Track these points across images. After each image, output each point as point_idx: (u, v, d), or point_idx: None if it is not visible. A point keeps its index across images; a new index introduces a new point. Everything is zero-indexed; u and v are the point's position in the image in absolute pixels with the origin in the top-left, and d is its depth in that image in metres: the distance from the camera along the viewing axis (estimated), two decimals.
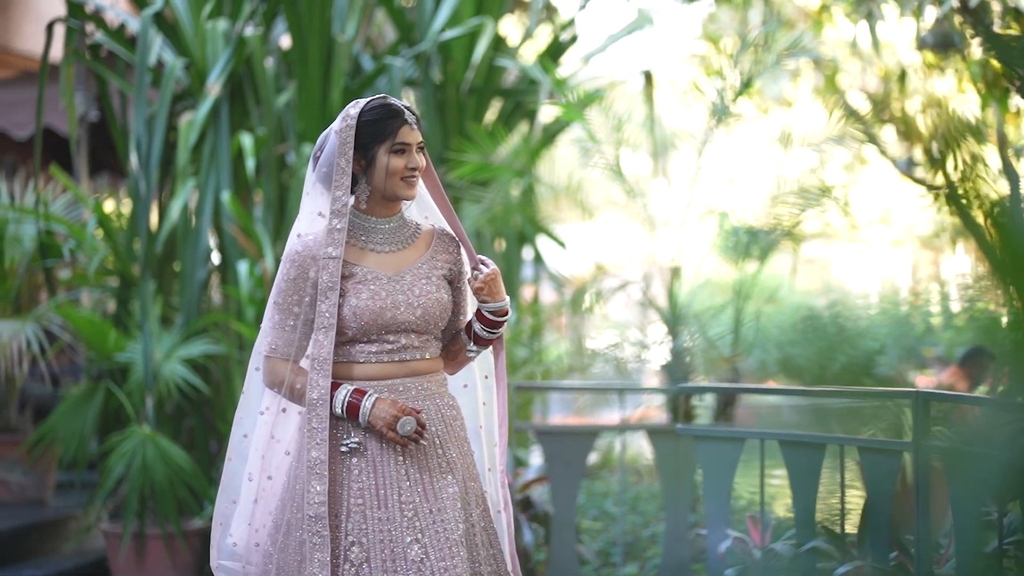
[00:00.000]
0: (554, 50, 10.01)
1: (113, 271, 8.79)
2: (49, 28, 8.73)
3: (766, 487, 5.61)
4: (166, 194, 8.90)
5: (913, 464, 4.89)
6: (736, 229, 7.93)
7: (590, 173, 8.20)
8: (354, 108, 4.01)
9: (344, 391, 3.92)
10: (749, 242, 7.75)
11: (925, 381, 9.79)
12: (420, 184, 4.20)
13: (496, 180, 8.54)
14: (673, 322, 7.52)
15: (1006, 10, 7.27)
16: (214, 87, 8.51)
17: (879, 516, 5.01)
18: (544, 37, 10.66)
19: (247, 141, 8.45)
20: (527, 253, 9.95)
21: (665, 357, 7.59)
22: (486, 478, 4.29)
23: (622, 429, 7.23)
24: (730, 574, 5.47)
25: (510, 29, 11.58)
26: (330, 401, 3.91)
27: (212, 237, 8.70)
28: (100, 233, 8.79)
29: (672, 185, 8.23)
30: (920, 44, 8.85)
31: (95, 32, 9.08)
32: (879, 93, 11.82)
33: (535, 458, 8.68)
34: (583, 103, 8.18)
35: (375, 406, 3.89)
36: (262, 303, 8.10)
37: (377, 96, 4.06)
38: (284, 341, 4.02)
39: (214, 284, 9.06)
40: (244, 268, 8.29)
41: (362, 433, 3.94)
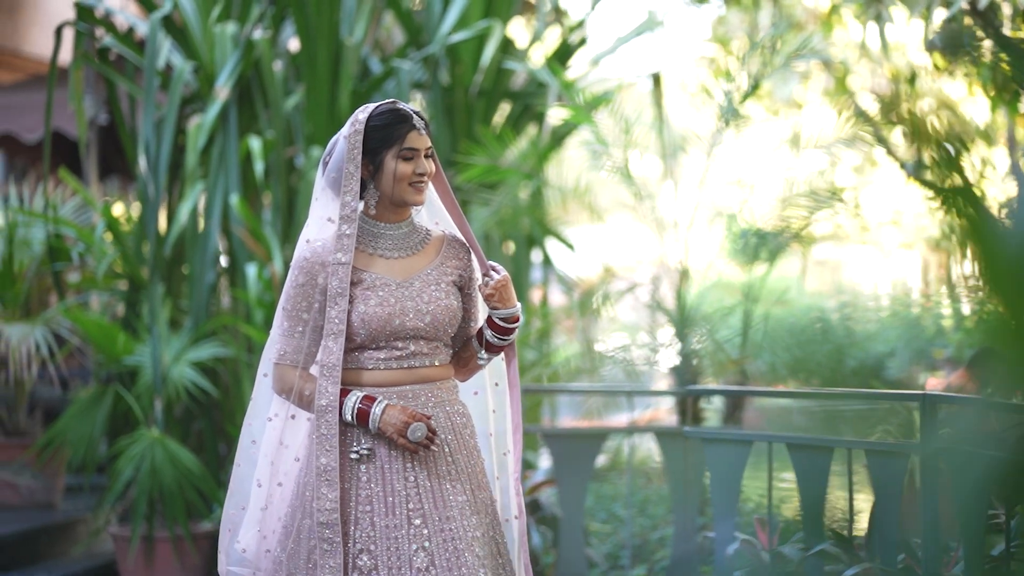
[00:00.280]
0: (562, 53, 10.00)
1: (122, 274, 8.80)
2: (58, 32, 8.73)
3: (776, 490, 5.60)
4: (175, 197, 8.90)
5: (921, 466, 4.88)
6: (745, 231, 7.92)
7: (599, 175, 8.19)
8: (363, 113, 3.99)
9: (354, 397, 3.90)
10: (758, 244, 7.73)
11: (935, 383, 9.77)
12: (431, 189, 4.18)
13: (504, 183, 8.53)
14: (681, 324, 7.51)
15: (1016, 12, 7.25)
16: (223, 90, 8.52)
17: (887, 519, 5.00)
18: (553, 39, 10.65)
19: (256, 144, 8.45)
20: (536, 256, 9.95)
21: (674, 360, 7.58)
22: (494, 486, 4.25)
23: (630, 432, 7.22)
24: None
25: (519, 32, 11.57)
26: (340, 408, 3.89)
27: (221, 240, 8.70)
28: (109, 236, 8.80)
29: (681, 187, 8.22)
30: (929, 46, 8.84)
31: (104, 36, 9.09)
32: (888, 95, 11.81)
33: (543, 461, 8.67)
34: (591, 106, 8.16)
35: (385, 412, 3.88)
36: (271, 306, 8.10)
37: (386, 101, 4.05)
38: (293, 348, 4.00)
39: (223, 287, 9.07)
40: (253, 271, 8.29)
41: (372, 440, 3.92)
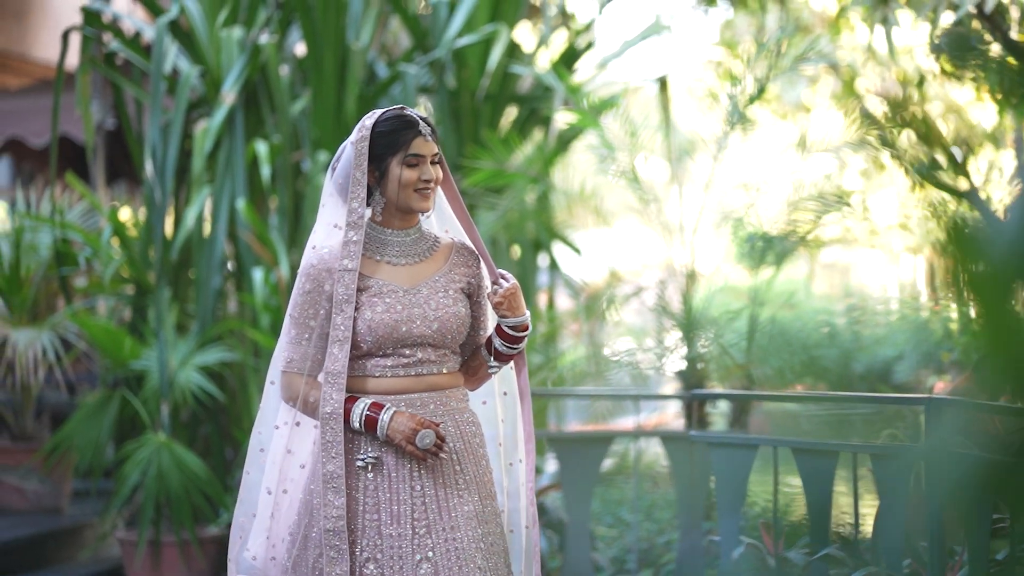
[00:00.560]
0: (569, 56, 9.99)
1: (129, 279, 8.81)
2: (64, 37, 8.75)
3: (784, 494, 5.59)
4: (181, 202, 8.91)
5: (925, 470, 4.86)
6: (751, 235, 7.90)
7: (605, 179, 8.18)
8: (370, 119, 3.98)
9: (362, 404, 3.87)
10: (765, 248, 7.72)
11: (942, 387, 9.75)
12: (440, 197, 4.17)
13: (511, 187, 8.53)
14: (688, 329, 7.49)
15: None
16: (229, 95, 8.53)
17: (892, 523, 4.99)
18: (559, 43, 10.65)
19: (262, 148, 8.45)
20: (542, 260, 9.94)
21: (680, 364, 7.57)
22: (502, 496, 4.23)
23: (636, 436, 7.21)
24: None
25: (525, 36, 11.57)
26: (346, 415, 3.87)
27: (227, 245, 8.71)
28: (116, 241, 8.81)
29: (688, 191, 8.21)
30: (935, 49, 8.82)
31: (111, 40, 9.10)
32: (896, 99, 11.79)
33: (549, 465, 8.66)
34: (598, 110, 8.16)
35: (393, 419, 3.85)
36: (277, 310, 8.11)
37: (394, 107, 4.03)
38: (300, 355, 3.97)
39: (229, 291, 9.07)
40: (259, 275, 8.29)
41: (379, 447, 3.90)
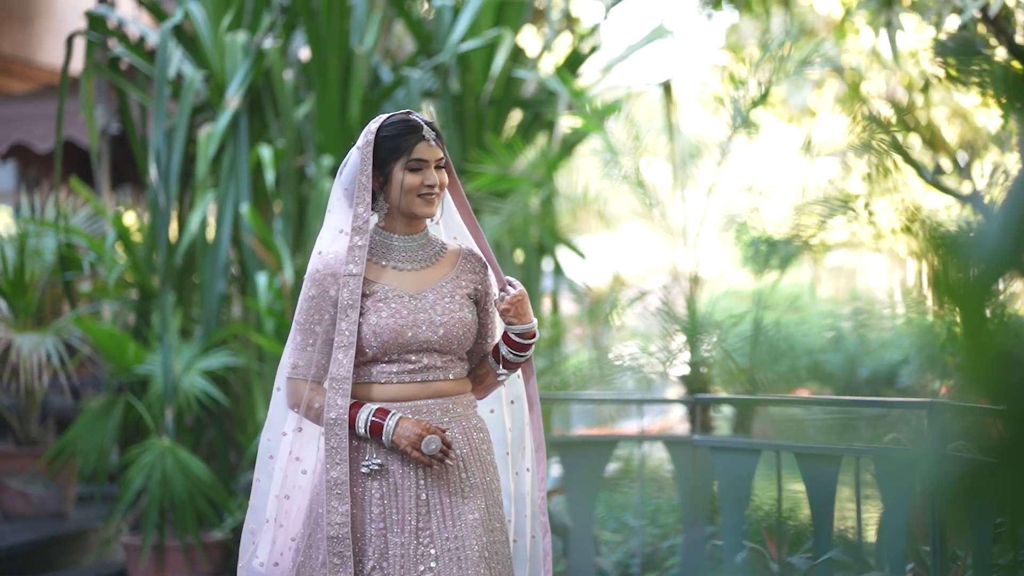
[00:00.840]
0: (573, 61, 9.99)
1: (133, 284, 8.81)
2: (69, 42, 8.76)
3: (787, 498, 5.58)
4: (186, 206, 8.92)
5: (928, 475, 4.85)
6: (756, 240, 7.90)
7: (610, 183, 8.17)
8: (375, 124, 3.97)
9: (367, 410, 3.85)
10: (769, 252, 7.71)
11: (946, 390, 9.73)
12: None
13: (515, 191, 8.52)
14: (692, 333, 7.49)
15: None
16: (233, 99, 8.53)
17: (895, 527, 4.98)
18: (563, 47, 10.65)
19: (266, 153, 8.46)
20: (546, 264, 9.94)
21: (684, 368, 7.56)
22: (510, 505, 4.20)
23: (640, 440, 7.21)
24: None
25: (529, 40, 11.57)
26: (350, 421, 3.84)
27: (231, 249, 8.71)
28: (120, 246, 8.82)
29: (692, 195, 8.20)
30: (940, 53, 8.81)
31: (115, 45, 9.11)
32: (902, 103, 11.77)
33: (553, 469, 8.66)
34: (602, 114, 8.15)
35: (399, 425, 3.83)
36: (281, 315, 8.11)
37: (400, 111, 4.02)
38: (305, 361, 3.95)
39: (233, 296, 9.08)
40: (263, 280, 8.29)
41: (385, 454, 3.88)
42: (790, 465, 5.46)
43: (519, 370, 4.20)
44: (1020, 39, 7.05)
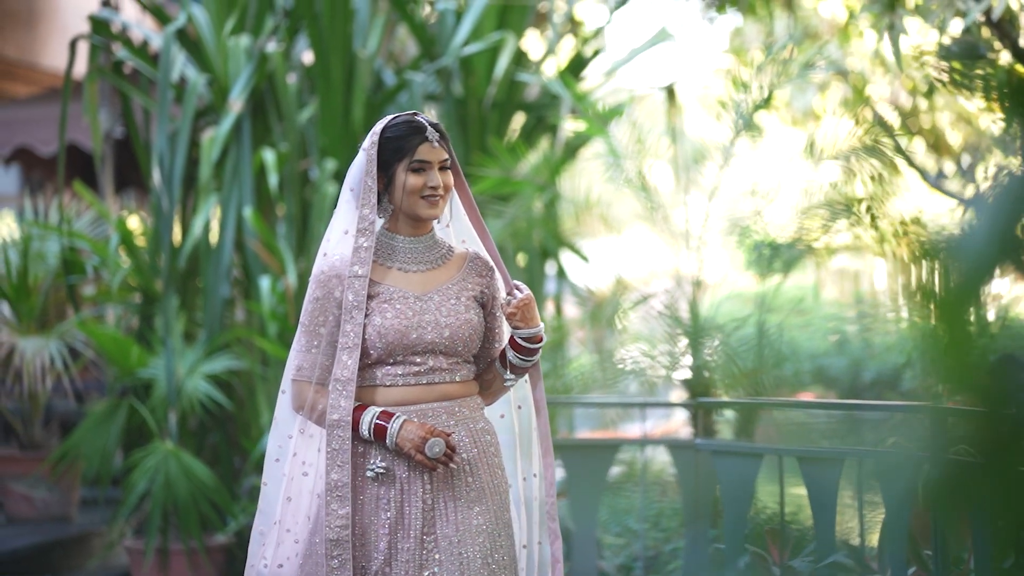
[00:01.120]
0: (576, 64, 9.99)
1: (136, 287, 8.82)
2: (72, 45, 8.76)
3: (791, 502, 5.58)
4: (189, 210, 8.92)
5: (930, 477, 4.85)
6: (759, 243, 7.89)
7: (613, 187, 8.17)
8: (380, 124, 3.96)
9: (371, 413, 3.83)
10: (772, 256, 7.70)
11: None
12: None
13: (518, 195, 8.52)
14: (695, 336, 7.48)
15: None
16: (236, 103, 8.54)
17: (897, 530, 4.98)
18: (566, 51, 10.64)
19: (269, 157, 8.46)
20: (549, 268, 9.93)
21: (687, 371, 7.55)
22: (520, 511, 4.17)
23: (643, 444, 7.20)
24: None
25: (533, 43, 11.57)
26: (354, 423, 3.82)
27: (235, 253, 8.71)
28: (124, 249, 8.82)
29: (696, 199, 8.20)
30: (944, 56, 8.80)
31: (119, 49, 9.12)
32: (905, 107, 11.76)
33: (556, 472, 8.66)
34: (605, 118, 8.15)
35: (403, 427, 3.80)
36: (284, 319, 8.11)
37: (406, 112, 4.01)
38: (309, 363, 3.93)
39: (237, 300, 9.08)
40: (267, 284, 8.30)
41: (390, 457, 3.86)
42: (792, 469, 5.45)
43: (526, 375, 4.18)
44: None
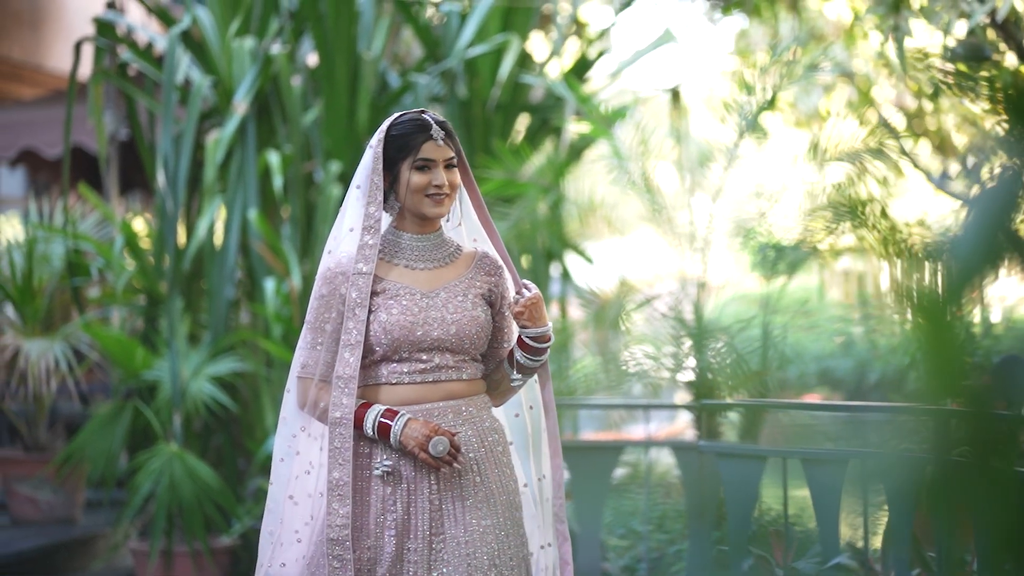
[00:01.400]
0: (581, 66, 9.99)
1: (141, 289, 8.83)
2: (77, 47, 8.77)
3: (795, 504, 5.57)
4: (194, 212, 8.93)
5: (933, 479, 4.83)
6: (763, 245, 7.88)
7: (618, 189, 8.16)
8: (388, 122, 3.95)
9: (375, 411, 3.80)
10: (777, 257, 7.70)
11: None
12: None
13: (522, 197, 8.52)
14: (699, 338, 7.48)
15: None
16: (241, 105, 8.54)
17: (901, 532, 4.97)
18: (571, 52, 10.64)
19: (274, 159, 8.47)
20: (554, 270, 9.92)
21: (691, 373, 7.55)
22: (539, 512, 4.14)
23: (647, 446, 7.20)
24: None
25: (537, 45, 11.57)
26: (358, 421, 3.80)
27: (239, 255, 8.72)
28: (128, 251, 8.83)
29: (701, 200, 8.19)
30: (951, 57, 8.79)
31: (123, 51, 9.13)
32: (911, 108, 11.75)
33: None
34: (609, 119, 8.14)
35: (407, 426, 3.77)
36: (289, 321, 8.12)
37: (413, 110, 3.99)
38: (314, 360, 3.91)
39: (241, 302, 9.08)
40: (271, 286, 8.30)
41: (396, 457, 3.83)
42: (796, 471, 5.44)
43: (535, 375, 4.14)
44: None
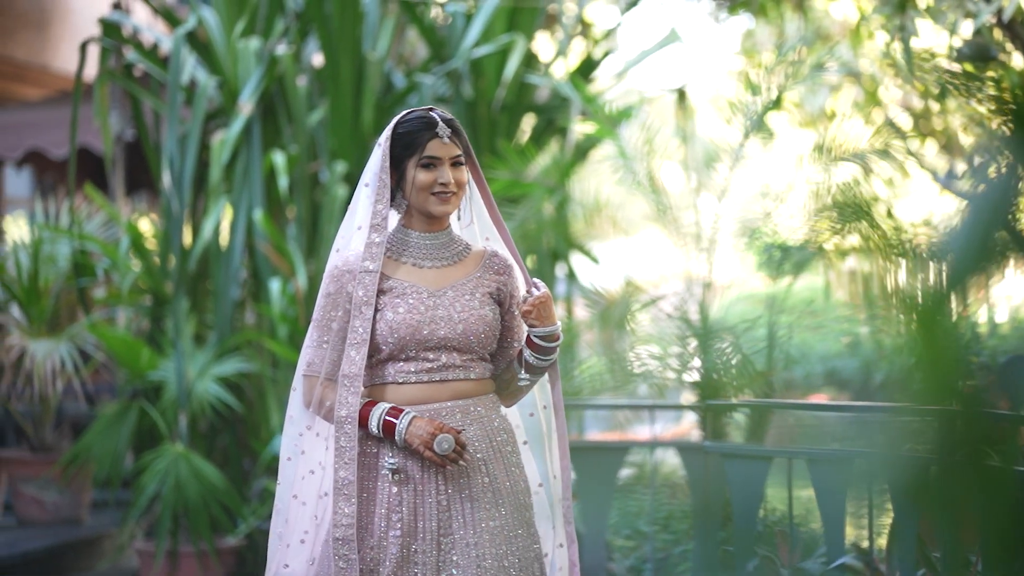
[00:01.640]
0: (586, 66, 9.98)
1: (147, 290, 8.83)
2: (83, 48, 8.77)
3: (801, 504, 5.57)
4: (199, 213, 8.93)
5: (938, 480, 4.83)
6: (769, 245, 7.88)
7: (624, 189, 8.15)
8: (395, 120, 3.94)
9: (380, 409, 3.78)
10: (783, 257, 7.69)
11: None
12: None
13: (528, 197, 8.51)
14: (705, 338, 7.47)
15: None
16: (246, 105, 8.54)
17: (906, 532, 4.96)
18: (577, 52, 10.63)
19: (279, 159, 8.47)
20: (560, 270, 9.92)
21: (697, 374, 7.54)
22: (555, 511, 4.14)
23: (652, 446, 7.19)
24: None
25: (543, 45, 11.56)
26: (363, 420, 3.78)
27: (245, 255, 8.72)
28: (134, 252, 8.83)
29: (706, 200, 8.18)
30: (958, 57, 8.79)
31: (129, 52, 9.13)
32: (918, 108, 11.74)
33: None
34: (615, 120, 8.14)
35: (412, 424, 3.75)
36: (295, 321, 8.12)
37: (422, 107, 3.98)
38: (320, 358, 3.89)
39: (247, 302, 9.08)
40: (277, 286, 8.30)
41: (404, 457, 3.81)
42: (802, 471, 5.44)
43: (545, 375, 4.10)
44: None
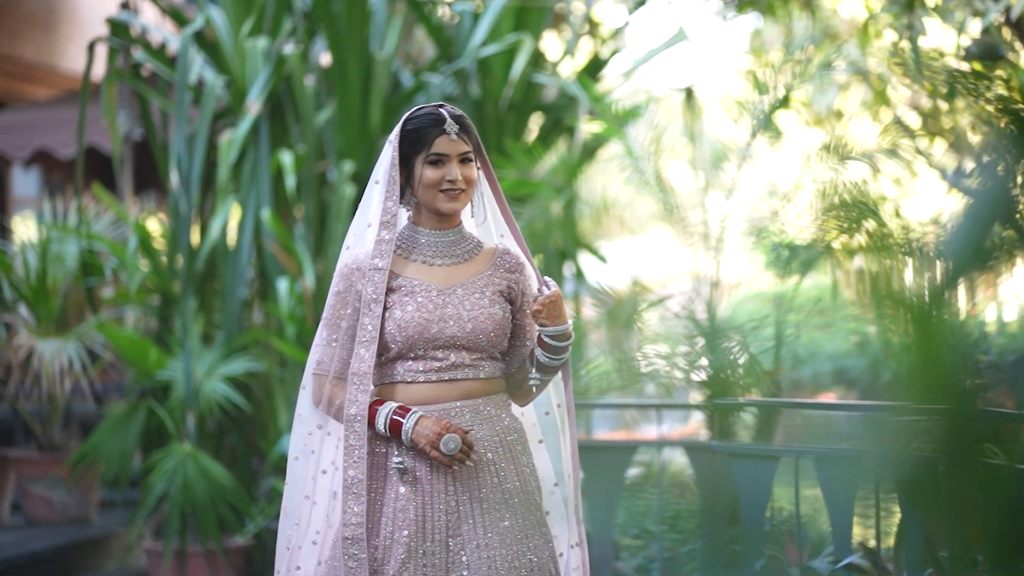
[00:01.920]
0: (594, 66, 9.97)
1: (155, 289, 8.83)
2: (90, 48, 8.78)
3: (809, 503, 5.56)
4: (207, 212, 8.93)
5: (945, 479, 4.82)
6: (777, 244, 7.87)
7: (632, 188, 8.14)
8: (406, 116, 3.92)
9: (387, 408, 3.76)
10: (791, 256, 7.68)
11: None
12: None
13: (535, 196, 8.51)
14: (712, 337, 7.46)
15: None
16: (254, 105, 8.54)
17: (913, 532, 4.95)
18: (585, 51, 10.63)
19: (287, 159, 8.47)
20: (568, 269, 9.91)
21: (704, 373, 7.53)
22: (569, 511, 4.10)
23: (660, 446, 7.19)
24: None
25: (550, 44, 11.56)
26: (370, 418, 3.75)
27: (252, 255, 8.72)
28: (142, 251, 8.84)
29: (714, 200, 8.17)
30: (966, 56, 8.77)
31: (137, 51, 9.14)
32: (927, 107, 11.72)
33: None
34: (623, 119, 8.13)
35: (418, 423, 3.72)
36: (302, 321, 8.12)
37: (432, 103, 3.95)
38: (329, 356, 3.87)
39: (255, 302, 9.08)
40: (284, 286, 8.30)
41: (412, 457, 3.79)
42: (809, 470, 5.43)
43: (558, 374, 4.05)
44: None
